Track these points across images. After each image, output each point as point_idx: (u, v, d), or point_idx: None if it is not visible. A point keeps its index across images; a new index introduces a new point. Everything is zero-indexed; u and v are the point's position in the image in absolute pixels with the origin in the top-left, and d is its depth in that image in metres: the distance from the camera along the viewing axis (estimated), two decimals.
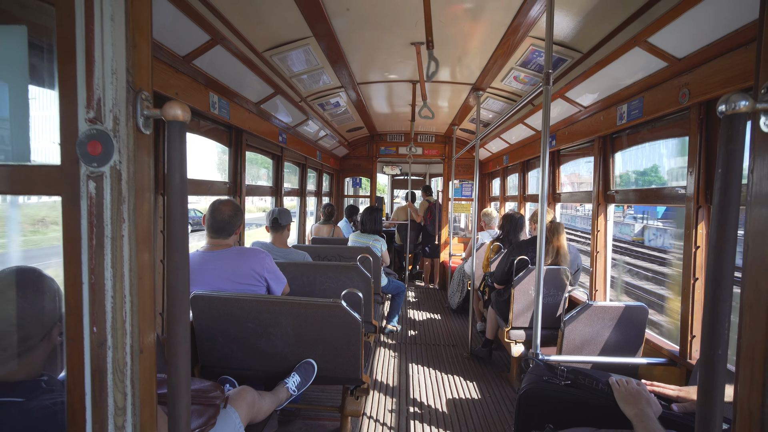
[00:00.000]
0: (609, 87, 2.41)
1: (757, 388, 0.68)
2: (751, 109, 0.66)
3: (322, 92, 3.55)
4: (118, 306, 0.68)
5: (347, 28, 2.41)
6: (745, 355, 0.72)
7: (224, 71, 2.26)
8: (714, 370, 0.68)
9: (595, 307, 2.15)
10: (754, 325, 0.70)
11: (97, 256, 0.67)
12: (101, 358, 0.67)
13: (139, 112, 0.70)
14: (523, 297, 2.94)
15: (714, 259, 0.68)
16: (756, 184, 0.71)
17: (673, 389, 1.44)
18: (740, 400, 0.72)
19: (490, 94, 3.61)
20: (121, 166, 0.68)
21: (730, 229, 0.67)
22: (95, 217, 0.66)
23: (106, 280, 0.67)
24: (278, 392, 1.92)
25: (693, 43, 1.73)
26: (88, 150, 0.66)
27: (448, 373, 3.39)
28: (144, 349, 0.73)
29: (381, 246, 3.90)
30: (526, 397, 1.53)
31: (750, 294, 0.71)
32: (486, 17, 2.25)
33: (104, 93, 0.66)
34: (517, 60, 2.78)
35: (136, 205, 0.71)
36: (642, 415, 1.25)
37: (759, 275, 0.69)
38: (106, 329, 0.67)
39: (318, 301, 2.00)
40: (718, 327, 0.67)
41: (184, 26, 1.74)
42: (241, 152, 2.92)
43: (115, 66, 0.66)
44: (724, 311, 0.67)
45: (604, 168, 2.86)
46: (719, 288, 0.67)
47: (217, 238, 2.14)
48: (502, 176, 5.67)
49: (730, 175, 0.67)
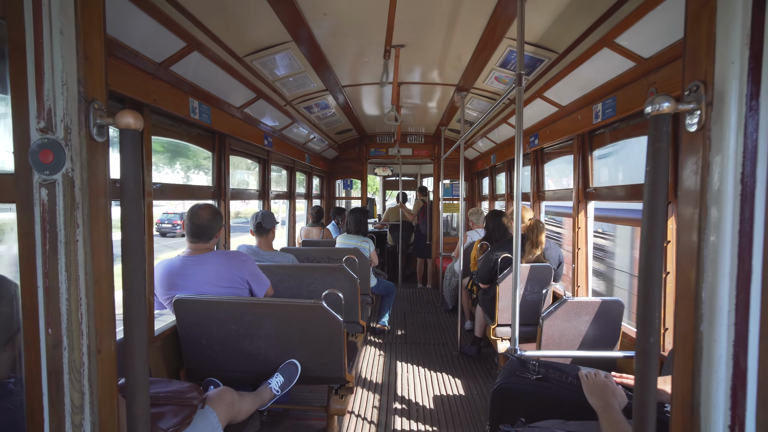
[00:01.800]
0: (584, 86, 2.45)
1: (688, 374, 0.72)
2: (674, 110, 0.70)
3: (307, 95, 3.57)
4: (74, 308, 0.71)
5: (327, 33, 2.44)
6: (678, 343, 0.75)
7: (204, 77, 2.28)
8: (647, 359, 0.71)
9: (572, 302, 2.19)
10: (684, 315, 0.74)
11: (51, 261, 0.69)
12: (57, 359, 0.70)
13: (92, 121, 0.73)
14: (508, 294, 2.97)
15: (644, 253, 0.71)
16: (684, 180, 0.75)
17: None
18: (675, 385, 0.76)
19: (473, 94, 3.66)
20: (74, 174, 0.70)
21: (658, 225, 0.70)
22: (48, 222, 0.69)
23: (61, 284, 0.70)
24: (261, 393, 1.95)
25: (658, 43, 1.77)
26: (40, 159, 0.68)
27: (437, 371, 3.42)
28: (102, 349, 0.75)
29: (369, 247, 3.93)
30: (500, 391, 1.56)
31: (680, 286, 0.75)
32: (464, 19, 2.29)
33: (55, 104, 0.69)
34: (496, 61, 2.82)
35: (91, 212, 0.73)
36: (606, 406, 1.28)
37: (687, 267, 0.73)
38: (61, 331, 0.70)
39: (299, 302, 2.02)
40: (650, 317, 0.70)
41: (159, 33, 1.76)
42: (224, 157, 2.94)
43: (66, 78, 0.69)
44: (655, 303, 0.70)
45: (583, 166, 2.91)
46: (649, 281, 0.71)
47: (198, 243, 2.16)
48: (490, 175, 5.72)
49: (656, 172, 0.70)
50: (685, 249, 0.73)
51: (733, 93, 0.66)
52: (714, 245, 0.68)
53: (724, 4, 0.68)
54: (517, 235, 1.94)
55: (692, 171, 0.72)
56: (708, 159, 0.69)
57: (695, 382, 0.70)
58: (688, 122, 0.72)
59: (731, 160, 0.66)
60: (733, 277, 0.65)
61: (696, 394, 0.70)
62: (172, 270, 2.10)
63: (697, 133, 0.72)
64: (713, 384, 0.67)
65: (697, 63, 0.73)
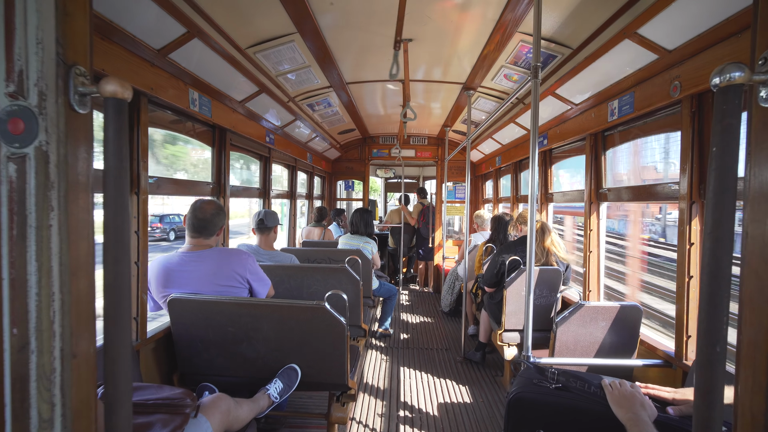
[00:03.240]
0: (599, 82, 2.37)
1: (760, 389, 0.62)
2: (748, 80, 0.60)
3: (310, 92, 3.49)
4: (45, 305, 0.60)
5: (333, 24, 2.35)
6: (745, 354, 0.65)
7: (204, 67, 2.18)
8: (712, 371, 0.61)
9: (588, 307, 2.09)
10: (754, 320, 0.64)
11: (18, 248, 0.59)
12: (22, 364, 0.59)
13: (72, 88, 0.63)
14: (516, 298, 2.87)
15: (709, 248, 0.61)
16: (755, 166, 0.65)
17: (669, 391, 1.37)
18: (741, 402, 0.65)
19: (481, 93, 3.57)
20: (49, 148, 0.60)
21: (727, 216, 0.60)
22: (16, 203, 0.59)
23: (30, 275, 0.59)
24: (259, 399, 1.84)
25: (684, 33, 1.69)
26: (8, 128, 0.58)
27: (441, 377, 3.31)
28: (78, 353, 0.65)
29: (372, 248, 3.83)
30: (516, 401, 1.45)
31: (750, 286, 0.65)
32: (474, 13, 2.20)
33: (27, 65, 0.59)
34: (506, 57, 2.73)
35: (69, 192, 0.63)
36: (636, 419, 1.18)
37: (759, 266, 0.63)
38: (28, 330, 0.59)
39: (300, 303, 1.91)
40: (716, 323, 0.61)
41: (159, 17, 1.67)
42: (225, 152, 2.85)
43: (41, 35, 0.59)
44: (723, 306, 0.60)
45: (596, 166, 2.82)
46: (716, 280, 0.61)
47: (198, 238, 2.05)
48: (494, 178, 5.63)
49: (726, 153, 0.60)
50: (756, 244, 0.63)
51: None
52: None
53: None
54: (531, 237, 1.85)
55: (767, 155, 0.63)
56: None
57: None
58: (763, 95, 0.62)
59: None
60: None
61: None
62: (169, 266, 1.99)
63: None
64: None
65: None
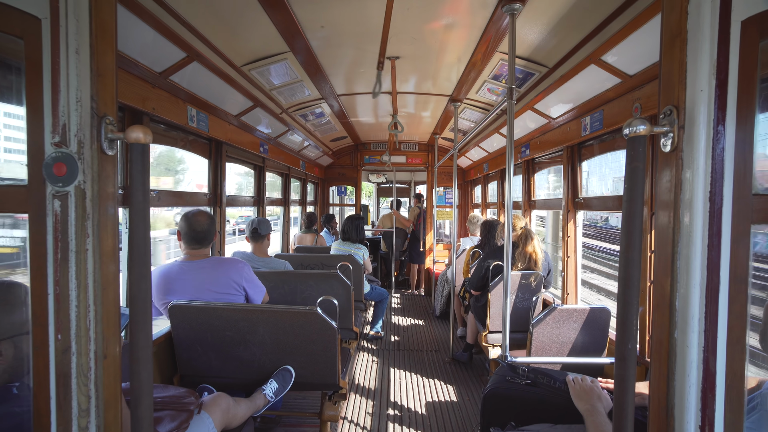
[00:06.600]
0: (573, 99, 2.54)
1: (663, 378, 0.77)
2: (649, 132, 0.76)
3: (303, 104, 3.62)
4: (83, 315, 0.74)
5: (323, 44, 2.49)
6: (655, 350, 0.80)
7: (202, 86, 2.31)
8: (626, 364, 0.76)
9: (560, 309, 2.25)
10: (660, 322, 0.79)
11: (62, 269, 0.72)
12: (65, 364, 0.72)
13: (103, 135, 0.77)
14: (499, 301, 3.02)
15: (623, 264, 0.76)
16: (660, 195, 0.80)
17: None
18: (652, 389, 0.81)
19: (467, 105, 3.73)
20: (86, 186, 0.74)
21: (635, 238, 0.75)
22: (60, 233, 0.72)
23: (71, 291, 0.73)
24: (255, 398, 1.96)
25: (642, 61, 1.86)
26: (53, 171, 0.72)
27: (429, 378, 3.45)
28: (108, 354, 0.78)
29: (363, 254, 3.97)
30: (490, 395, 1.60)
31: (656, 295, 0.80)
32: (457, 33, 2.36)
33: (69, 119, 0.72)
34: (489, 73, 2.89)
35: (101, 221, 0.77)
36: (592, 410, 1.33)
37: (662, 278, 0.78)
38: (70, 336, 0.73)
39: (294, 308, 2.05)
40: (628, 324, 0.75)
41: (160, 44, 1.80)
42: (221, 164, 2.97)
43: (80, 95, 0.73)
44: (632, 311, 0.75)
45: (572, 176, 2.99)
46: (628, 290, 0.76)
47: (199, 248, 2.18)
48: (483, 184, 5.80)
49: (634, 189, 0.76)
50: (661, 260, 0.79)
51: (702, 118, 0.72)
52: (686, 257, 0.73)
53: (693, 36, 0.74)
54: (507, 243, 1.99)
55: (667, 188, 0.78)
56: (680, 177, 0.75)
57: (670, 385, 0.76)
58: (663, 143, 0.78)
59: (701, 179, 0.72)
60: (703, 287, 0.71)
61: (671, 396, 0.75)
62: (169, 275, 2.11)
63: (671, 153, 0.78)
64: (686, 387, 0.72)
65: (670, 89, 0.79)
